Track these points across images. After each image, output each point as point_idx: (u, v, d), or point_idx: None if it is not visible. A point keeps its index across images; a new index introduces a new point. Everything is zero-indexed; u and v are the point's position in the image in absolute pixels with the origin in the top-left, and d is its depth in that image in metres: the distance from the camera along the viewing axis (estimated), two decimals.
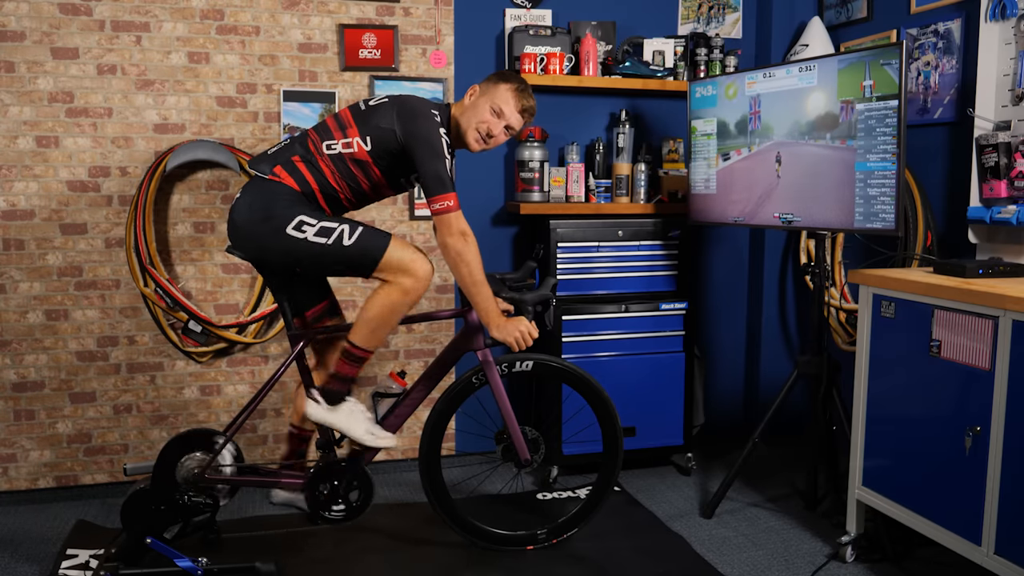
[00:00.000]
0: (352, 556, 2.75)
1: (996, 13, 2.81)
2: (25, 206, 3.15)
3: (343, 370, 2.51)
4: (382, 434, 2.56)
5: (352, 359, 2.50)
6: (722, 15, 3.87)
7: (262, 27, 3.31)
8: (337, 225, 2.38)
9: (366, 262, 2.40)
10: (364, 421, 2.54)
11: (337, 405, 2.53)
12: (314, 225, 2.36)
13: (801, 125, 2.91)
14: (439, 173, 2.38)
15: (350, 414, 2.53)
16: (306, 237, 2.36)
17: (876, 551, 2.76)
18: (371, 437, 2.54)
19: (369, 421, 2.56)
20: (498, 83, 2.56)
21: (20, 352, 3.18)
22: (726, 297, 4.01)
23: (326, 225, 2.37)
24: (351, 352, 2.49)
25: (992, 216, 2.79)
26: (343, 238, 2.36)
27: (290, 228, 2.36)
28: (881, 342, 2.62)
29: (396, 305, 2.43)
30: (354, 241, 2.37)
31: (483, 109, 2.54)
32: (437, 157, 2.38)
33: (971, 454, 2.29)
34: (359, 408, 2.56)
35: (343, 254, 2.38)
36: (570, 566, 2.71)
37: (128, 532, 2.57)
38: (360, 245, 2.38)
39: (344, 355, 2.50)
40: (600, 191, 3.56)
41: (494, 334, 2.53)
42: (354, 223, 2.40)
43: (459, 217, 2.41)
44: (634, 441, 3.48)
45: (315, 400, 2.53)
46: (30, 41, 3.09)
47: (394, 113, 2.44)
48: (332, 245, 2.36)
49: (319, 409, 2.52)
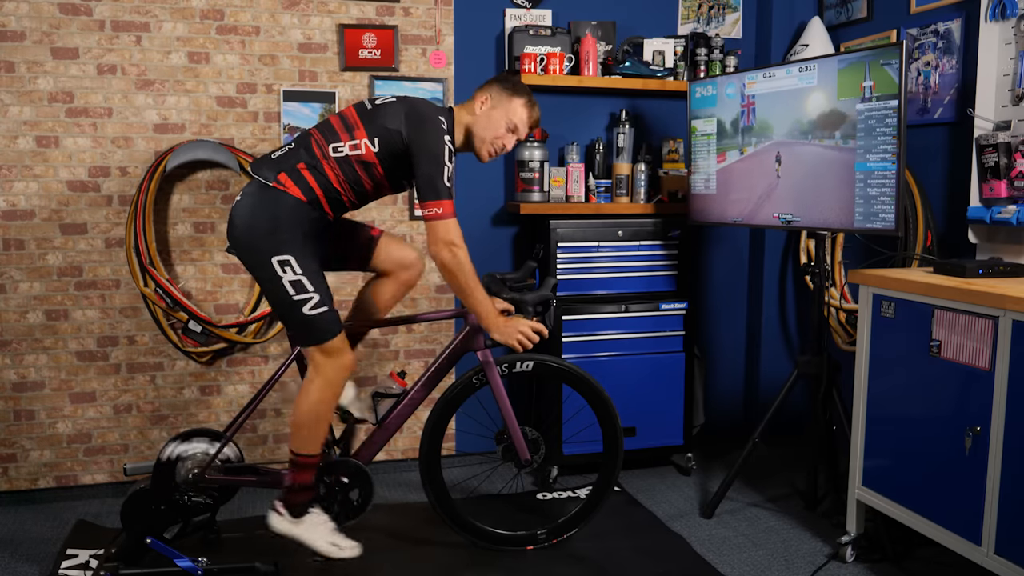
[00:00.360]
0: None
1: (996, 13, 2.81)
2: (25, 206, 3.15)
3: (296, 479, 2.52)
4: (345, 543, 2.56)
5: (301, 467, 2.51)
6: (722, 15, 3.87)
7: (262, 27, 3.31)
8: (312, 291, 2.38)
9: (310, 335, 2.42)
10: (326, 533, 2.55)
11: (300, 517, 2.54)
12: (295, 274, 2.36)
13: (801, 125, 2.91)
14: (433, 180, 2.37)
15: (313, 526, 2.54)
16: (282, 278, 2.37)
17: (876, 551, 2.76)
18: (334, 549, 2.54)
19: (332, 532, 2.56)
20: (512, 97, 2.57)
21: (20, 352, 3.19)
22: (726, 297, 4.01)
23: (303, 283, 2.37)
24: (296, 462, 2.51)
25: (992, 216, 2.79)
26: (306, 305, 2.38)
27: (275, 259, 2.36)
28: (881, 342, 2.62)
29: (322, 398, 2.46)
30: (312, 315, 2.39)
31: (499, 124, 2.56)
32: (436, 165, 2.37)
33: (971, 454, 2.29)
34: (322, 519, 2.56)
35: (297, 316, 2.39)
36: (570, 566, 2.71)
37: (128, 532, 2.57)
38: (315, 321, 2.39)
39: (292, 466, 2.52)
40: (600, 191, 3.56)
41: (495, 336, 2.53)
42: (325, 298, 2.40)
43: (447, 226, 2.39)
44: (634, 441, 3.48)
45: (278, 512, 2.54)
46: (30, 41, 3.09)
47: (402, 115, 2.44)
48: (294, 302, 2.38)
49: (281, 521, 2.54)
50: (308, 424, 2.47)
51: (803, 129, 2.91)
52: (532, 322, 2.56)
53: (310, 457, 2.50)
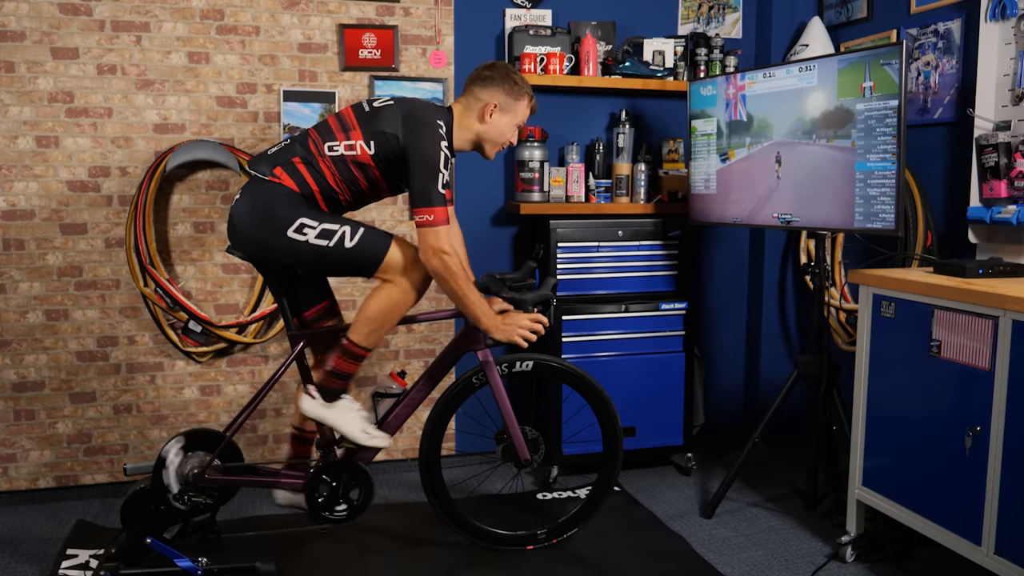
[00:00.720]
0: (352, 556, 2.75)
1: (996, 13, 2.81)
2: (25, 206, 3.15)
3: (340, 367, 2.51)
4: (376, 433, 2.56)
5: (350, 356, 2.50)
6: (722, 15, 3.87)
7: (262, 27, 3.31)
8: (338, 227, 2.38)
9: (368, 263, 2.41)
10: (359, 420, 2.54)
11: (333, 402, 2.53)
12: (315, 227, 2.36)
13: (801, 125, 2.91)
14: (426, 187, 2.36)
15: (346, 411, 2.53)
16: (307, 240, 2.36)
17: (876, 551, 2.76)
18: (365, 436, 2.53)
19: (364, 420, 2.55)
20: (518, 100, 2.57)
21: (20, 352, 3.19)
22: (726, 297, 4.01)
23: (327, 227, 2.37)
24: (349, 349, 2.49)
25: (992, 216, 2.79)
26: (345, 240, 2.37)
27: (291, 231, 2.36)
28: (881, 342, 2.62)
29: (397, 304, 2.44)
30: (356, 243, 2.37)
31: (509, 128, 2.59)
32: (429, 172, 2.36)
33: (971, 454, 2.29)
34: (355, 406, 2.56)
35: (345, 256, 2.38)
36: (570, 566, 2.71)
37: (128, 532, 2.57)
38: (362, 246, 2.38)
39: (342, 352, 2.50)
40: (600, 191, 3.56)
41: (495, 336, 2.53)
42: (355, 224, 2.40)
43: (437, 233, 2.36)
44: (634, 441, 3.48)
45: (311, 396, 2.53)
46: (30, 41, 3.09)
47: (399, 119, 2.43)
48: (334, 247, 2.36)
49: (314, 404, 2.53)
50: (375, 321, 2.45)
51: (803, 129, 2.91)
52: (531, 314, 2.55)
53: (364, 350, 2.49)
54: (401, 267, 2.41)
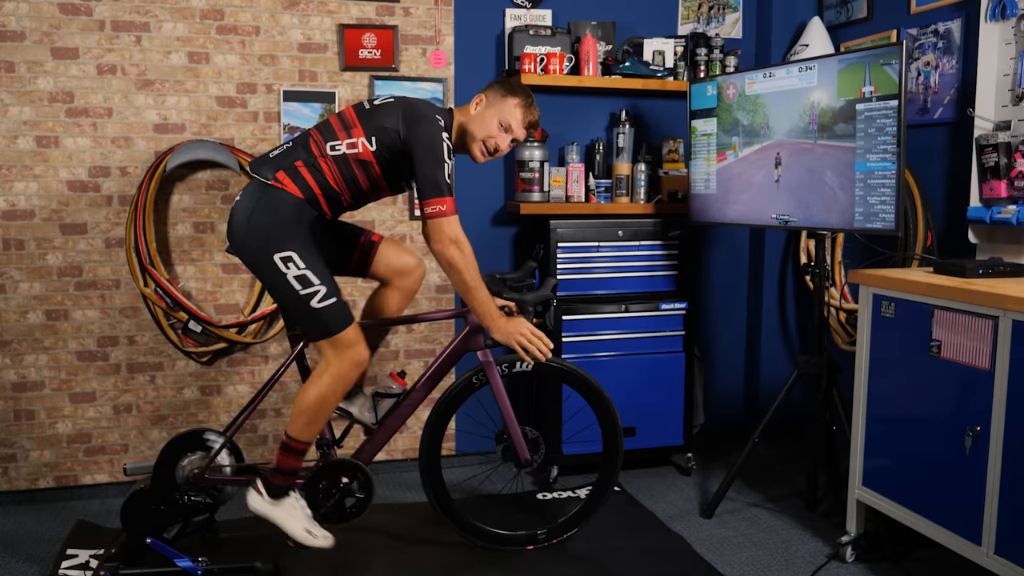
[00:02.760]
0: (352, 556, 2.75)
1: (996, 13, 2.81)
2: (25, 206, 3.15)
3: (284, 463, 2.51)
4: (319, 532, 2.53)
5: (290, 451, 2.49)
6: (722, 15, 3.87)
7: (262, 27, 3.31)
8: (318, 284, 2.36)
9: (322, 328, 2.40)
10: (303, 519, 2.52)
11: (279, 500, 2.52)
12: (299, 269, 2.35)
13: (801, 125, 2.91)
14: (436, 177, 2.36)
15: (291, 510, 2.52)
16: (286, 274, 2.36)
17: (876, 551, 2.76)
18: (308, 536, 2.51)
19: (308, 519, 2.54)
20: (506, 97, 2.54)
21: (20, 352, 3.19)
22: (726, 297, 4.01)
23: (309, 277, 2.36)
24: (289, 445, 2.49)
25: (992, 216, 2.79)
26: (313, 298, 2.36)
27: (278, 257, 2.35)
28: (881, 342, 2.62)
29: (331, 394, 2.44)
30: (322, 307, 2.37)
31: (491, 123, 2.53)
32: (436, 162, 2.36)
33: (971, 454, 2.29)
34: (300, 505, 2.54)
35: (307, 310, 2.38)
36: (570, 566, 2.71)
37: (128, 532, 2.57)
38: (326, 313, 2.38)
39: (281, 448, 2.50)
40: (600, 191, 3.56)
41: (495, 336, 2.53)
42: (334, 290, 2.39)
43: (452, 223, 2.38)
44: (634, 441, 3.48)
45: (257, 491, 2.52)
46: (30, 41, 3.09)
47: (399, 114, 2.44)
48: (302, 297, 2.36)
49: (260, 501, 2.52)
50: (310, 412, 2.45)
51: (803, 129, 2.91)
52: (532, 325, 2.55)
53: (303, 444, 2.48)
54: (345, 348, 2.41)
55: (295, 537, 2.51)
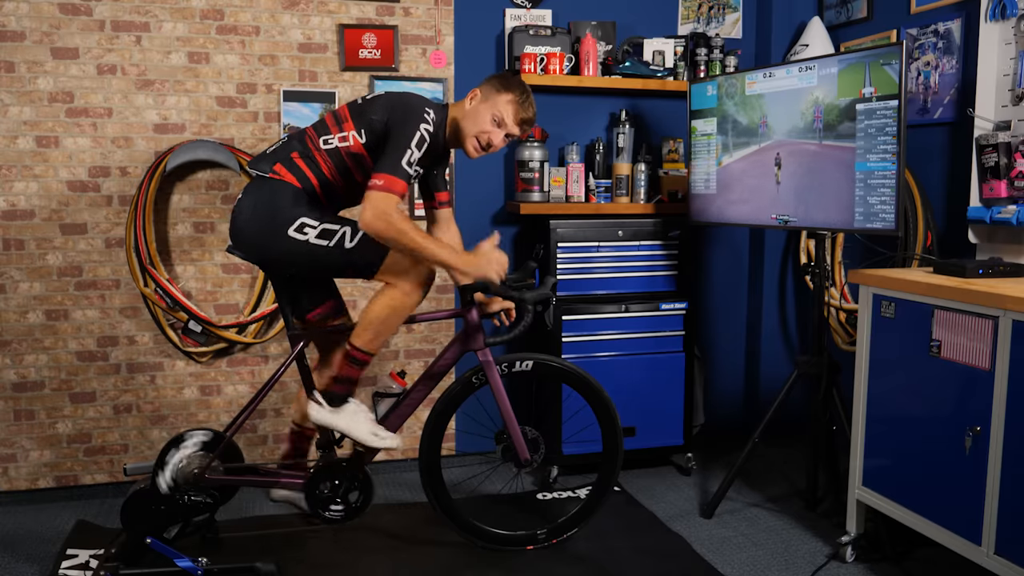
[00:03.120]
0: (352, 556, 2.75)
1: (996, 13, 2.81)
2: (25, 206, 3.15)
3: (345, 372, 2.51)
4: (385, 434, 2.56)
5: (354, 361, 2.50)
6: (722, 15, 3.87)
7: (262, 27, 3.31)
8: (339, 227, 2.37)
9: (368, 264, 2.40)
10: (367, 422, 2.54)
11: (340, 407, 2.53)
12: (316, 227, 2.36)
13: (801, 125, 2.91)
14: (393, 156, 2.33)
15: (353, 415, 2.53)
16: (308, 239, 2.36)
17: (876, 551, 2.76)
18: (375, 438, 2.53)
19: (372, 422, 2.56)
20: (500, 92, 2.53)
21: (20, 352, 3.18)
22: (726, 297, 4.01)
23: (328, 227, 2.37)
24: (352, 355, 2.49)
25: (992, 216, 2.79)
26: (344, 240, 2.37)
27: (292, 230, 2.36)
28: (881, 342, 2.62)
29: (398, 307, 2.44)
30: (356, 244, 2.37)
31: (484, 118, 2.52)
32: (398, 146, 2.33)
33: (971, 454, 2.29)
34: (362, 409, 2.56)
35: (345, 256, 2.38)
36: (570, 566, 2.71)
37: (128, 532, 2.57)
38: (362, 248, 2.38)
39: (346, 357, 2.51)
40: (600, 191, 3.56)
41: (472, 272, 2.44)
42: (356, 224, 2.38)
43: (387, 198, 2.29)
44: (634, 441, 3.48)
45: (317, 402, 2.53)
46: (30, 41, 3.09)
47: (387, 105, 2.45)
48: (334, 247, 2.36)
49: (322, 411, 2.52)
50: (377, 325, 2.44)
51: (803, 129, 2.91)
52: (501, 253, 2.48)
53: (367, 355, 2.49)
54: (402, 268, 2.41)
55: (362, 439, 2.52)
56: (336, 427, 2.53)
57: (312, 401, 2.54)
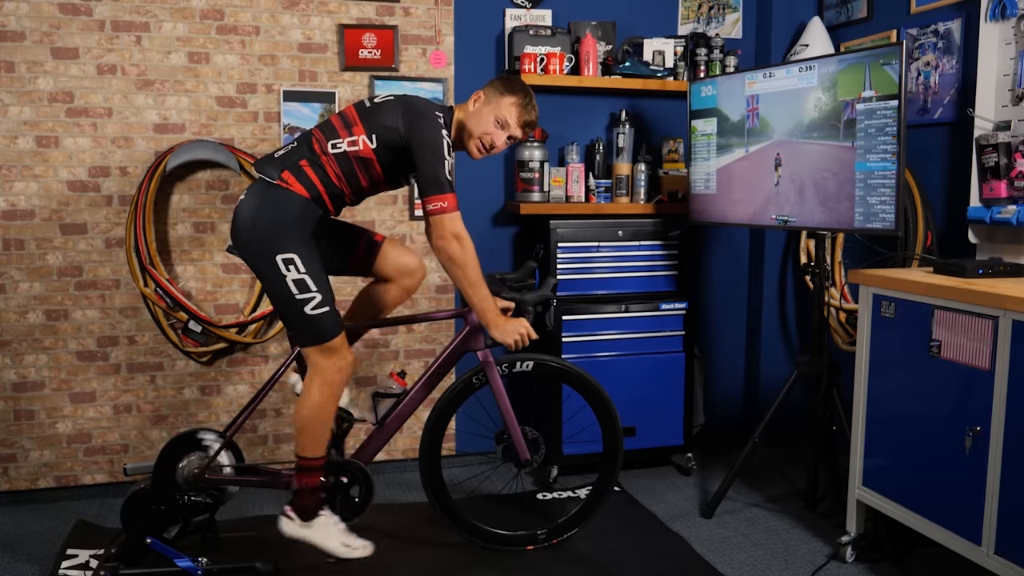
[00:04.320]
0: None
1: (996, 13, 2.81)
2: (25, 206, 3.15)
3: (303, 483, 2.52)
4: (357, 543, 2.58)
5: (307, 471, 2.51)
6: (722, 15, 3.87)
7: (262, 27, 3.31)
8: (315, 291, 2.39)
9: (310, 335, 2.43)
10: (339, 534, 2.56)
11: (311, 521, 2.55)
12: (299, 273, 2.37)
13: (801, 125, 2.91)
14: (436, 174, 2.38)
15: (324, 529, 2.55)
16: (285, 276, 2.38)
17: (876, 551, 2.76)
18: (346, 550, 2.56)
19: (343, 533, 2.57)
20: (503, 94, 2.55)
21: (20, 352, 3.18)
22: (726, 297, 4.01)
23: (307, 282, 2.38)
24: (301, 465, 2.51)
25: (992, 216, 2.79)
26: (308, 304, 2.38)
27: (280, 257, 2.37)
28: (881, 342, 2.62)
29: (326, 401, 2.47)
30: (314, 315, 2.39)
31: (487, 120, 2.54)
32: (437, 159, 2.38)
33: (971, 454, 2.29)
34: (332, 521, 2.57)
35: (298, 315, 2.40)
36: (570, 566, 2.71)
37: (128, 532, 2.57)
38: (318, 320, 2.40)
39: (298, 470, 2.52)
40: (600, 191, 3.56)
41: (493, 334, 2.54)
42: (327, 299, 2.41)
43: (454, 219, 2.40)
44: (634, 441, 3.48)
45: (288, 517, 2.55)
46: (30, 41, 3.09)
47: (399, 112, 2.45)
48: (297, 301, 2.38)
49: (292, 526, 2.55)
50: (310, 426, 2.47)
51: (803, 129, 2.91)
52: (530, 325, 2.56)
53: (315, 460, 2.50)
54: (331, 354, 2.44)
55: (334, 553, 2.55)
56: (309, 541, 2.54)
57: (283, 515, 2.56)
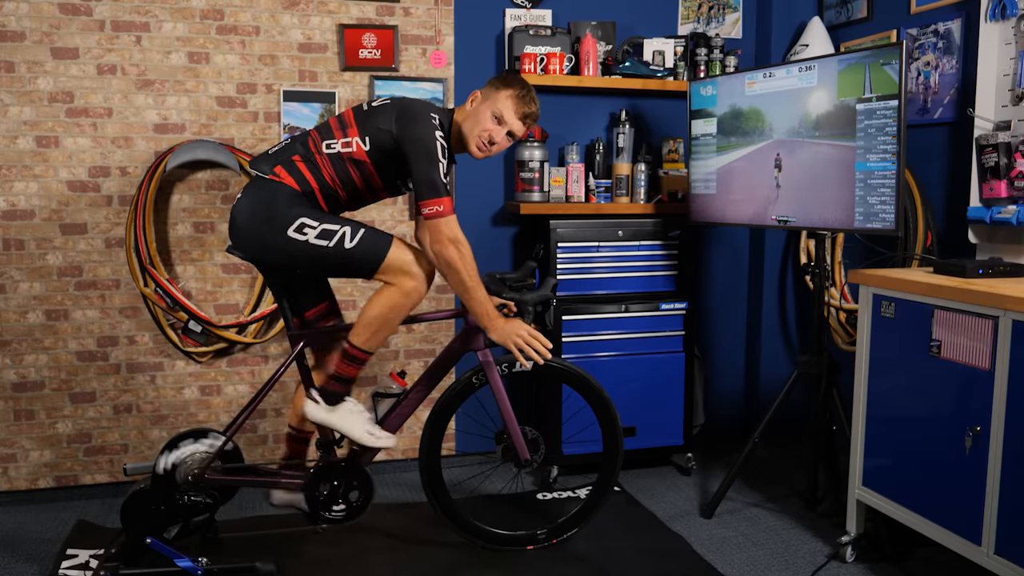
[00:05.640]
0: (352, 556, 2.75)
1: (996, 13, 2.81)
2: (25, 206, 3.15)
3: (342, 371, 2.51)
4: (381, 434, 2.56)
5: (352, 360, 2.50)
6: (722, 15, 3.87)
7: (262, 27, 3.31)
8: (339, 227, 2.37)
9: (368, 264, 2.41)
10: (363, 421, 2.54)
11: (336, 405, 2.53)
12: (315, 227, 2.36)
13: (801, 125, 2.91)
14: (431, 177, 2.37)
15: (349, 414, 2.53)
16: (307, 240, 2.36)
17: (876, 551, 2.76)
18: (370, 437, 2.53)
19: (368, 421, 2.55)
20: (499, 89, 2.54)
21: (20, 352, 3.18)
22: (726, 297, 4.01)
23: (327, 227, 2.37)
24: (351, 353, 2.49)
25: (992, 216, 2.79)
26: (344, 241, 2.37)
27: (291, 230, 2.36)
28: (881, 342, 2.62)
29: (397, 306, 2.44)
30: (356, 244, 2.37)
31: (485, 116, 2.52)
32: (431, 161, 2.37)
33: (971, 454, 2.29)
34: (358, 408, 2.56)
35: (345, 257, 2.38)
36: (570, 566, 2.71)
37: (128, 532, 2.57)
38: (362, 248, 2.38)
39: (343, 356, 2.50)
40: (600, 191, 3.56)
41: (492, 337, 2.53)
42: (355, 224, 2.40)
43: (450, 223, 2.39)
44: (634, 441, 3.48)
45: (314, 400, 2.53)
46: (30, 41, 3.09)
47: (393, 115, 2.44)
48: (334, 247, 2.36)
49: (318, 409, 2.52)
50: (376, 323, 2.44)
51: (803, 129, 2.91)
52: (530, 327, 2.55)
53: (365, 354, 2.48)
54: (402, 268, 2.41)
55: (357, 439, 2.52)
56: (332, 425, 2.53)
57: (309, 399, 2.54)
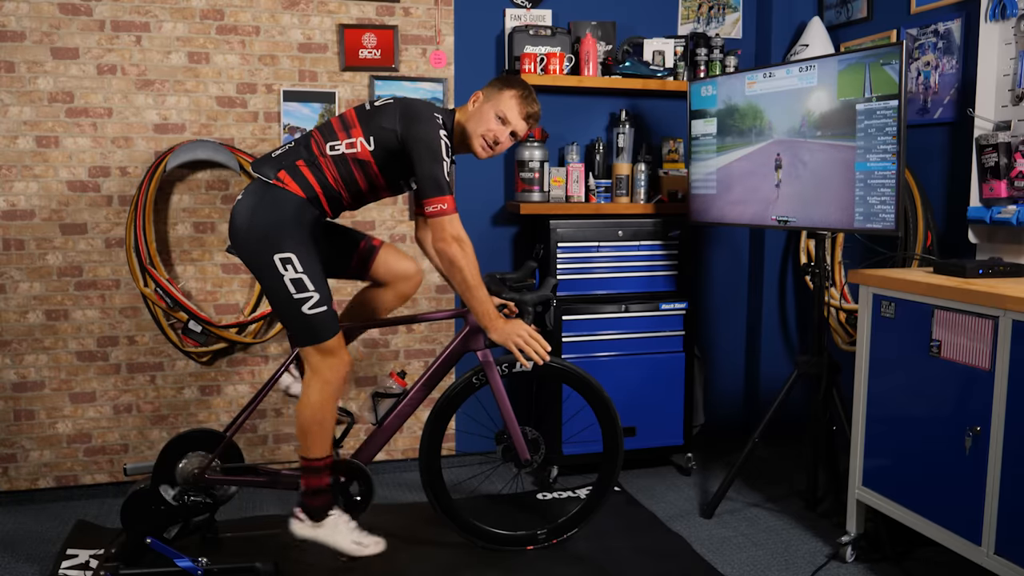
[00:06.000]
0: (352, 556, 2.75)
1: (996, 13, 2.81)
2: (25, 206, 3.15)
3: (309, 484, 2.52)
4: (368, 541, 2.58)
5: (312, 472, 2.51)
6: (722, 15, 3.87)
7: (262, 27, 3.31)
8: (312, 290, 2.39)
9: (307, 335, 2.42)
10: (349, 532, 2.56)
11: (321, 521, 2.54)
12: (296, 273, 2.37)
13: (801, 125, 2.91)
14: (435, 175, 2.37)
15: (334, 529, 2.54)
16: (283, 276, 2.37)
17: (876, 551, 2.76)
18: (359, 548, 2.55)
19: (354, 531, 2.57)
20: (502, 89, 2.55)
21: (20, 352, 3.19)
22: (726, 297, 4.01)
23: (305, 281, 2.38)
24: (304, 466, 2.51)
25: (992, 216, 2.79)
26: (305, 304, 2.38)
27: (277, 257, 2.37)
28: (881, 342, 2.62)
29: (325, 401, 2.46)
30: (311, 314, 2.39)
31: (488, 117, 2.53)
32: (435, 160, 2.37)
33: (971, 454, 2.29)
34: (344, 519, 2.57)
35: (296, 314, 2.40)
36: (570, 566, 2.71)
37: (128, 532, 2.57)
38: (315, 320, 2.40)
39: (303, 472, 2.52)
40: (600, 191, 3.56)
41: (492, 337, 2.52)
42: (326, 299, 2.41)
43: (453, 221, 2.39)
44: (634, 441, 3.48)
45: (299, 519, 2.54)
46: (30, 41, 3.09)
47: (397, 114, 2.45)
48: (295, 300, 2.38)
49: (303, 527, 2.54)
50: (312, 428, 2.47)
51: (803, 129, 2.91)
52: (530, 327, 2.54)
53: (320, 460, 2.50)
54: (328, 355, 2.44)
55: (346, 551, 2.55)
56: (320, 541, 2.54)
57: (293, 517, 2.56)
